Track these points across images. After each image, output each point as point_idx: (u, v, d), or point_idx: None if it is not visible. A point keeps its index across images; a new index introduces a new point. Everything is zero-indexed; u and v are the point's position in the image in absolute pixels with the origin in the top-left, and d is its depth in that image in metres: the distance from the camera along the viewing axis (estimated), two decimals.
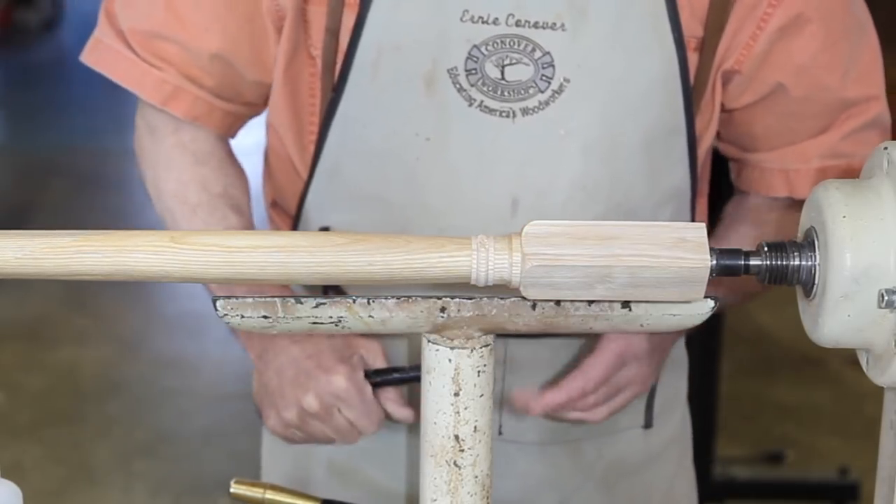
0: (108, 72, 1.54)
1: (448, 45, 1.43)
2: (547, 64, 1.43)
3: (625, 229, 1.16)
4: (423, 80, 1.43)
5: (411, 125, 1.45)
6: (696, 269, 1.16)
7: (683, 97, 1.46)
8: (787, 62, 1.46)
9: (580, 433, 1.61)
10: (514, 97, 1.43)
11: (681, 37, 1.44)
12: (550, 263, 1.17)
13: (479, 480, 1.21)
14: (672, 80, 1.45)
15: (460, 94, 1.44)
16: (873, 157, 1.21)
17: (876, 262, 1.14)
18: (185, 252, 1.15)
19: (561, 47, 1.43)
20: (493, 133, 1.44)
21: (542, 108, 1.44)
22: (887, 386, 1.19)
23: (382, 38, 1.44)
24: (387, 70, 1.44)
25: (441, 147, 1.45)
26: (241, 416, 4.11)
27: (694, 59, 1.46)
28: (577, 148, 1.45)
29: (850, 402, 4.26)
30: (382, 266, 1.17)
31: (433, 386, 1.19)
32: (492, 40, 1.42)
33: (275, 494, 1.34)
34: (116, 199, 5.93)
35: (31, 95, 7.77)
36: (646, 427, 1.65)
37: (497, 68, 1.43)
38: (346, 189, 1.51)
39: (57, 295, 4.89)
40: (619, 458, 1.65)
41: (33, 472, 3.75)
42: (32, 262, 1.15)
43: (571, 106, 1.44)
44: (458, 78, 1.43)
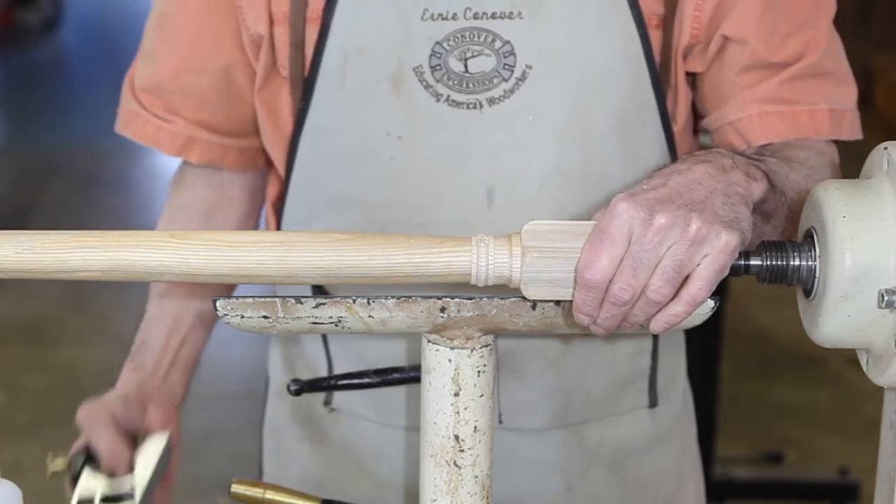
0: (131, 134, 1.66)
1: (411, 44, 1.45)
2: (508, 52, 1.45)
3: None
4: (390, 81, 1.46)
5: (382, 125, 1.48)
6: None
7: (650, 74, 1.48)
8: (725, 19, 1.47)
9: (583, 416, 1.60)
10: (479, 88, 1.46)
11: (640, 14, 1.46)
12: (550, 256, 1.17)
13: (479, 480, 1.21)
14: (636, 59, 1.47)
15: (427, 91, 1.46)
16: (873, 157, 1.21)
17: (876, 262, 1.14)
18: (185, 247, 1.16)
19: (520, 35, 1.45)
20: (463, 126, 1.46)
21: (508, 97, 1.46)
22: (887, 386, 1.19)
23: (347, 43, 1.47)
24: (354, 74, 1.47)
25: (413, 144, 1.47)
26: (241, 416, 4.10)
27: (657, 36, 1.48)
28: (547, 133, 1.46)
29: (850, 402, 4.26)
30: (383, 261, 1.17)
31: (433, 386, 1.19)
32: (452, 35, 1.45)
33: (275, 494, 1.34)
34: (116, 199, 5.93)
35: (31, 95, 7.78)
36: (650, 406, 1.64)
37: (460, 62, 1.46)
38: (324, 196, 1.53)
39: (57, 295, 4.89)
40: (624, 440, 1.64)
41: (33, 472, 3.74)
42: (32, 258, 1.15)
43: (537, 92, 1.46)
44: (423, 75, 1.46)
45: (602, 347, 1.58)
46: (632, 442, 1.65)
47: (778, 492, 3.70)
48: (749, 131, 1.48)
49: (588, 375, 1.58)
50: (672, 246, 1.14)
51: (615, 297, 1.16)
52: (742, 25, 1.47)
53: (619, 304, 1.16)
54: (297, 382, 1.35)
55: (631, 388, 1.62)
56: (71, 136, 6.89)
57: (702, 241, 1.15)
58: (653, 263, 1.15)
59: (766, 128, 1.48)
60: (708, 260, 1.15)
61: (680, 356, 1.72)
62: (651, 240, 1.14)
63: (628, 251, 1.15)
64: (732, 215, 1.18)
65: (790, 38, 1.47)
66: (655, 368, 1.63)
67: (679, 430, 1.71)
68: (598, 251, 1.15)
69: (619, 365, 1.60)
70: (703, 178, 1.21)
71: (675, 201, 1.17)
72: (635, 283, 1.15)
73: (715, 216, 1.16)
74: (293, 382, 1.35)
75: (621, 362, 1.60)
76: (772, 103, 1.48)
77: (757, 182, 1.24)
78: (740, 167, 1.24)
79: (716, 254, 1.15)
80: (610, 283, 1.16)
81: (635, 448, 1.65)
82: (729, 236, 1.15)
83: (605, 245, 1.15)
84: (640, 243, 1.14)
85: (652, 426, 1.65)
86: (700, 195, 1.18)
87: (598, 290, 1.16)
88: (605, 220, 1.16)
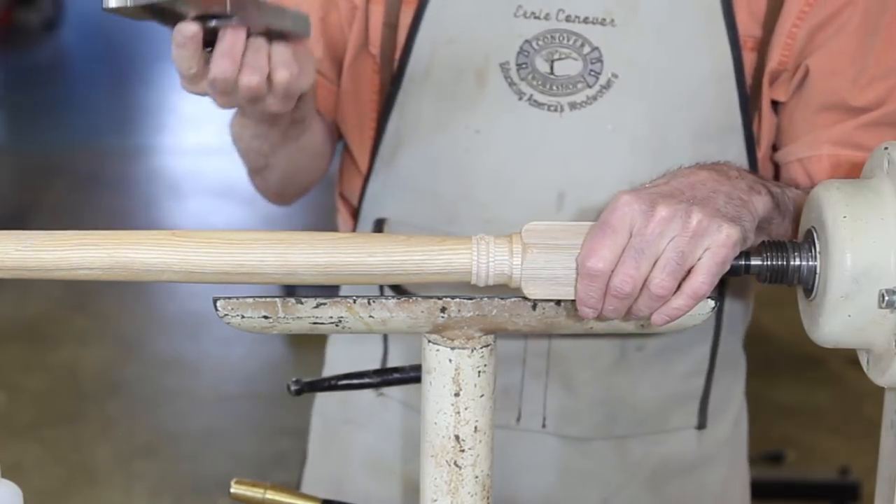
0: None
1: (500, 39, 1.45)
2: (595, 59, 1.45)
3: None
4: (475, 74, 1.46)
5: (462, 118, 1.48)
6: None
7: (739, 96, 1.46)
8: (815, 51, 1.46)
9: (628, 429, 1.59)
10: (563, 92, 1.45)
11: (736, 36, 1.44)
12: (551, 251, 1.17)
13: (479, 480, 1.21)
14: (726, 79, 1.45)
15: (511, 88, 1.46)
16: (873, 157, 1.21)
17: (876, 262, 1.14)
18: (185, 245, 1.16)
19: (609, 43, 1.44)
20: (541, 127, 1.46)
21: (590, 103, 1.45)
22: (888, 386, 1.19)
23: (438, 32, 1.47)
24: (441, 63, 1.47)
25: (489, 140, 1.47)
26: (241, 417, 4.11)
27: (751, 59, 1.46)
28: (624, 143, 1.45)
29: (850, 402, 4.26)
30: (383, 258, 1.17)
31: (433, 386, 1.19)
32: (542, 35, 1.45)
33: (275, 494, 1.34)
34: (116, 199, 5.93)
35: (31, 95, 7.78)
36: (699, 428, 1.62)
37: (547, 63, 1.45)
38: (401, 181, 1.53)
39: (57, 295, 4.89)
40: (668, 458, 1.62)
41: (33, 472, 3.74)
42: (33, 255, 1.15)
43: (619, 101, 1.45)
44: (509, 72, 1.46)
45: (656, 363, 1.56)
46: (675, 461, 1.62)
47: (778, 492, 3.69)
48: (816, 171, 1.47)
49: (638, 390, 1.57)
50: (674, 238, 1.14)
51: (617, 290, 1.16)
52: (830, 62, 1.45)
53: (621, 297, 1.16)
54: (297, 382, 1.35)
55: (680, 408, 1.60)
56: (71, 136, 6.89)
57: (703, 234, 1.15)
58: (654, 255, 1.15)
59: (833, 169, 1.46)
60: (709, 253, 1.15)
61: (738, 378, 1.69)
62: (653, 231, 1.14)
63: (630, 242, 1.15)
64: (735, 213, 1.18)
65: (875, 82, 1.46)
66: (709, 391, 1.61)
67: (727, 454, 1.68)
68: (599, 241, 1.15)
69: (671, 383, 1.58)
70: (706, 180, 1.21)
71: (676, 196, 1.18)
72: (637, 275, 1.15)
73: (717, 211, 1.17)
74: (294, 382, 1.35)
75: (674, 381, 1.58)
76: (844, 147, 1.46)
77: (760, 196, 1.24)
78: (745, 179, 1.25)
79: (717, 247, 1.15)
80: (612, 274, 1.15)
81: (678, 468, 1.63)
82: (731, 229, 1.15)
83: (607, 234, 1.15)
84: (641, 234, 1.15)
85: (698, 447, 1.63)
86: (702, 193, 1.19)
87: (600, 280, 1.16)
88: (607, 212, 1.16)
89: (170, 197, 5.97)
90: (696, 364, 1.59)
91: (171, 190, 6.01)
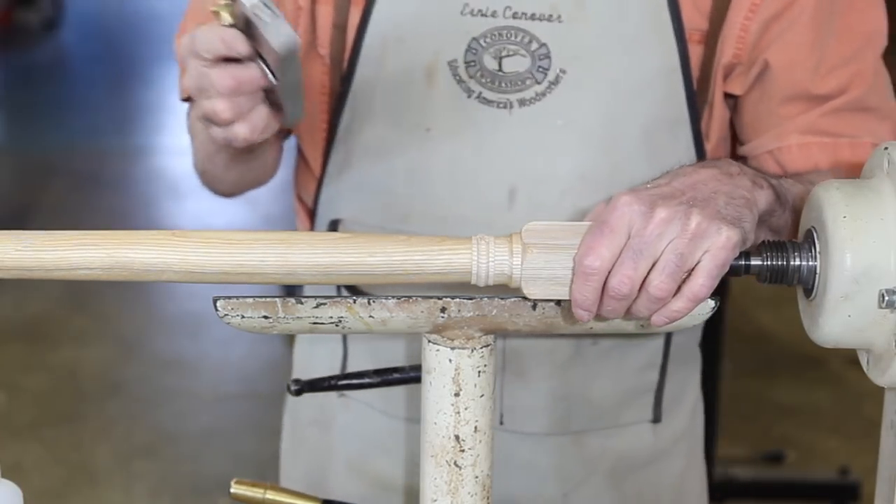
0: (184, 93, 1.58)
1: (448, 37, 1.45)
2: (543, 55, 1.45)
3: None
4: (424, 73, 1.46)
5: (413, 117, 1.48)
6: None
7: (685, 89, 1.47)
8: (772, 44, 1.46)
9: (584, 424, 1.60)
10: (512, 88, 1.45)
11: (681, 28, 1.45)
12: (550, 251, 1.17)
13: (479, 480, 1.21)
14: (672, 73, 1.46)
15: (459, 86, 1.46)
16: (873, 157, 1.21)
17: (876, 262, 1.14)
18: (185, 244, 1.16)
19: (557, 39, 1.44)
20: (491, 124, 1.46)
21: (539, 100, 1.45)
22: (887, 386, 1.19)
23: (387, 31, 1.47)
24: (391, 62, 1.47)
25: (441, 138, 1.47)
26: (241, 416, 4.11)
27: (697, 52, 1.47)
28: (575, 138, 1.46)
29: (850, 402, 4.25)
30: (383, 258, 1.17)
31: (433, 386, 1.19)
32: (489, 32, 1.45)
33: (275, 494, 1.34)
34: (116, 199, 5.93)
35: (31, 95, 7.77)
36: (654, 421, 1.63)
37: (495, 60, 1.45)
38: (354, 182, 1.54)
39: (57, 295, 4.89)
40: (625, 452, 1.63)
41: (33, 472, 3.74)
42: (32, 255, 1.15)
43: (568, 97, 1.45)
44: (457, 70, 1.46)
45: (611, 357, 1.57)
46: (633, 455, 1.64)
47: (778, 492, 3.69)
48: (787, 160, 1.48)
49: (593, 384, 1.58)
50: (672, 240, 1.14)
51: (614, 290, 1.15)
52: (788, 54, 1.46)
53: (618, 298, 1.15)
54: (297, 382, 1.35)
55: (635, 402, 1.61)
56: (71, 136, 6.89)
57: (702, 236, 1.14)
58: (652, 256, 1.14)
59: (804, 157, 1.47)
60: (708, 256, 1.15)
61: (692, 373, 1.70)
62: (651, 232, 1.14)
63: (628, 243, 1.14)
64: (735, 214, 1.18)
65: (836, 71, 1.46)
66: (663, 384, 1.62)
67: (683, 447, 1.69)
68: (597, 240, 1.15)
69: (627, 376, 1.59)
70: (707, 179, 1.21)
71: (676, 198, 1.17)
72: (635, 276, 1.14)
73: (716, 213, 1.16)
74: (293, 382, 1.35)
75: (629, 374, 1.59)
76: (812, 134, 1.47)
77: (763, 190, 1.24)
78: (747, 175, 1.24)
79: (717, 249, 1.15)
80: (609, 274, 1.15)
81: (636, 461, 1.64)
82: (730, 232, 1.15)
83: (605, 234, 1.15)
84: (640, 235, 1.14)
85: (654, 441, 1.64)
86: (703, 194, 1.19)
87: (596, 279, 1.15)
88: (606, 212, 1.16)
89: (169, 197, 5.96)
90: (649, 357, 1.60)
91: (170, 190, 6.01)
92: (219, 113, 1.23)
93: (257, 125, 1.26)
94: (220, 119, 1.24)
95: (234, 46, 1.19)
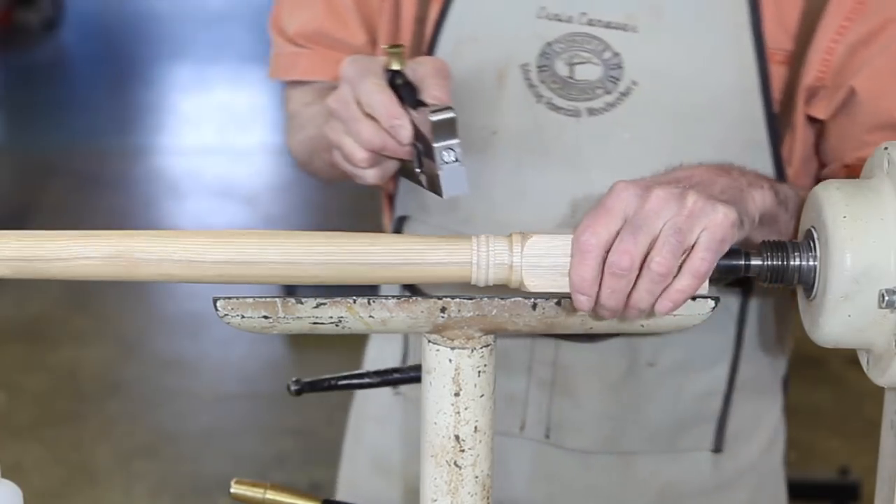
0: (290, 75, 1.61)
1: (522, 40, 1.44)
2: (615, 65, 1.42)
3: None
4: (496, 74, 1.45)
5: (481, 118, 1.46)
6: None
7: (765, 111, 1.42)
8: (859, 70, 1.41)
9: (636, 446, 1.56)
10: (582, 97, 1.43)
11: (763, 48, 1.40)
12: (551, 238, 1.17)
13: (479, 480, 1.21)
14: (750, 93, 1.41)
15: (530, 90, 1.44)
16: (873, 157, 1.21)
17: (876, 262, 1.14)
18: (185, 235, 1.16)
19: (631, 49, 1.41)
20: (558, 131, 1.44)
21: (608, 110, 1.43)
22: (887, 386, 1.19)
23: (462, 29, 1.46)
24: (463, 62, 1.45)
25: (506, 141, 1.46)
26: (241, 417, 4.11)
27: (780, 73, 1.42)
28: (641, 153, 1.42)
29: (850, 402, 4.25)
30: (384, 247, 1.16)
31: (433, 386, 1.19)
32: (564, 38, 1.43)
33: (275, 494, 1.34)
34: (116, 199, 5.93)
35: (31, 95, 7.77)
36: (715, 451, 1.58)
37: (567, 66, 1.43)
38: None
39: (57, 295, 4.89)
40: (678, 479, 1.58)
41: (33, 472, 3.74)
42: (33, 243, 1.15)
43: (638, 110, 1.42)
44: (529, 74, 1.44)
45: (669, 380, 1.54)
46: (686, 483, 1.59)
47: None
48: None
49: (648, 406, 1.54)
50: (670, 218, 1.12)
51: (615, 265, 1.11)
52: (877, 83, 1.41)
53: (619, 274, 1.11)
54: (297, 382, 1.35)
55: (694, 428, 1.57)
56: (71, 136, 6.89)
57: (699, 214, 1.12)
58: (651, 233, 1.12)
59: None
60: (707, 232, 1.12)
61: (770, 406, 1.65)
62: (649, 209, 1.12)
63: (626, 221, 1.12)
64: (731, 200, 1.18)
65: None
66: (727, 413, 1.57)
67: (750, 482, 1.63)
68: (595, 219, 1.12)
69: (685, 402, 1.55)
70: (703, 172, 1.22)
71: (672, 183, 1.17)
72: (635, 251, 1.11)
73: (712, 196, 1.15)
74: (294, 382, 1.35)
75: (688, 400, 1.55)
76: None
77: (762, 190, 1.23)
78: (745, 176, 1.24)
79: (715, 226, 1.12)
80: (609, 252, 1.12)
81: (689, 490, 1.59)
82: (727, 209, 1.13)
83: (602, 215, 1.13)
84: (637, 214, 1.12)
85: (713, 471, 1.59)
86: (700, 182, 1.19)
87: (594, 255, 1.12)
88: (604, 197, 1.15)
89: (169, 197, 5.96)
90: (711, 385, 1.56)
91: (170, 190, 6.01)
92: (356, 161, 1.25)
93: (388, 173, 1.28)
94: (353, 161, 1.25)
95: (399, 136, 1.21)
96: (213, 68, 8.04)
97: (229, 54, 8.36)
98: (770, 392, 1.65)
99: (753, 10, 1.41)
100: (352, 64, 1.28)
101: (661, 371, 1.53)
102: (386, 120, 1.22)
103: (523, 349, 1.52)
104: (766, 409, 1.65)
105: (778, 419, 1.67)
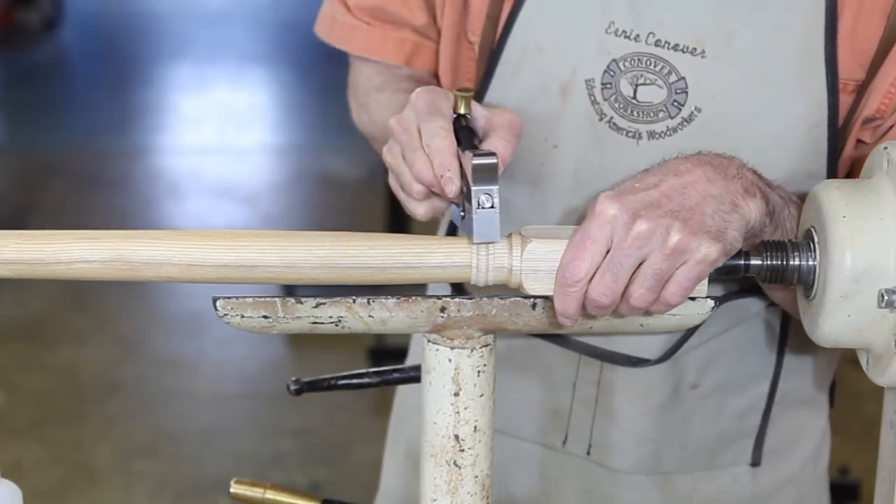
0: (343, 45, 1.58)
1: (589, 55, 1.39)
2: (680, 90, 1.37)
3: None
4: (559, 87, 1.40)
5: (541, 130, 1.42)
6: None
7: (828, 144, 1.38)
8: None
9: (676, 466, 1.54)
10: (643, 119, 1.38)
11: (835, 80, 1.36)
12: (550, 241, 1.17)
13: (479, 480, 1.21)
14: (817, 126, 1.37)
15: (593, 107, 1.40)
16: (873, 157, 1.21)
17: (876, 262, 1.14)
18: (185, 237, 1.16)
19: (697, 74, 1.37)
20: (617, 152, 1.40)
21: (670, 135, 1.38)
22: (887, 386, 1.19)
23: (528, 37, 1.41)
24: (528, 71, 1.42)
25: (566, 156, 1.42)
26: (241, 417, 4.11)
27: (847, 103, 1.38)
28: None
29: (850, 402, 4.24)
30: (382, 249, 1.17)
31: (433, 386, 1.19)
32: (630, 56, 1.38)
33: (275, 494, 1.34)
34: (116, 199, 5.92)
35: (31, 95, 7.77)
36: (753, 464, 1.57)
37: (631, 86, 1.38)
38: None
39: (57, 295, 4.89)
40: (718, 496, 1.56)
41: (33, 472, 3.74)
42: (33, 247, 1.15)
43: (700, 137, 1.36)
44: (593, 90, 1.39)
45: (710, 401, 1.52)
46: (725, 498, 1.57)
47: None
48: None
49: (688, 428, 1.53)
50: (652, 253, 1.15)
51: (596, 302, 1.17)
52: None
53: (600, 308, 1.18)
54: (297, 382, 1.35)
55: (733, 444, 1.55)
56: (71, 136, 6.88)
57: (681, 252, 1.16)
58: (632, 268, 1.16)
59: None
60: (685, 268, 1.17)
61: (813, 418, 1.62)
62: (631, 245, 1.15)
63: (608, 255, 1.16)
64: (721, 224, 1.17)
65: None
66: (765, 428, 1.56)
67: (790, 494, 1.61)
68: (579, 251, 1.16)
69: (725, 420, 1.54)
70: (699, 181, 1.20)
71: (662, 206, 1.17)
72: (615, 287, 1.17)
73: (700, 225, 1.16)
74: (294, 382, 1.35)
75: (728, 418, 1.54)
76: None
77: (755, 199, 1.21)
78: (742, 179, 1.22)
79: (693, 263, 1.16)
80: (590, 285, 1.17)
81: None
82: (709, 248, 1.16)
83: (587, 246, 1.16)
84: (619, 248, 1.16)
85: (752, 485, 1.58)
86: (691, 201, 1.18)
87: (576, 290, 1.17)
88: (588, 220, 1.17)
89: (169, 197, 5.96)
90: (752, 402, 1.54)
91: (170, 190, 6.00)
92: (412, 192, 1.26)
93: (438, 212, 1.29)
94: (409, 192, 1.26)
95: (446, 188, 1.21)
96: (212, 68, 8.04)
97: (229, 54, 8.35)
98: (815, 403, 1.62)
99: (830, 38, 1.35)
100: (423, 95, 1.28)
101: (703, 392, 1.51)
102: (438, 169, 1.22)
103: (569, 366, 1.51)
104: (809, 421, 1.62)
105: (823, 430, 1.65)
